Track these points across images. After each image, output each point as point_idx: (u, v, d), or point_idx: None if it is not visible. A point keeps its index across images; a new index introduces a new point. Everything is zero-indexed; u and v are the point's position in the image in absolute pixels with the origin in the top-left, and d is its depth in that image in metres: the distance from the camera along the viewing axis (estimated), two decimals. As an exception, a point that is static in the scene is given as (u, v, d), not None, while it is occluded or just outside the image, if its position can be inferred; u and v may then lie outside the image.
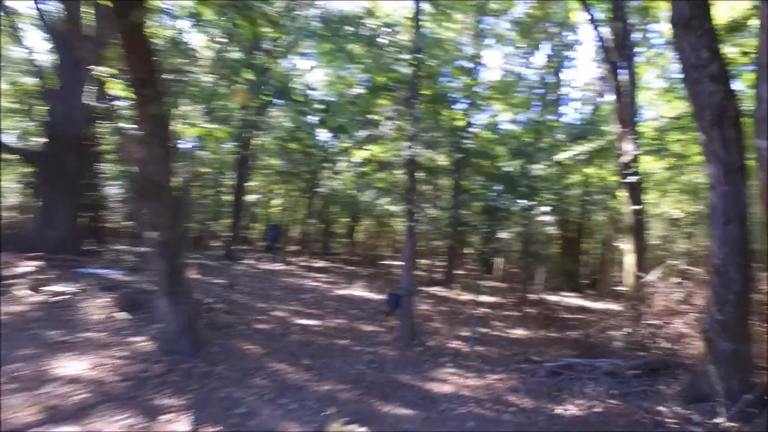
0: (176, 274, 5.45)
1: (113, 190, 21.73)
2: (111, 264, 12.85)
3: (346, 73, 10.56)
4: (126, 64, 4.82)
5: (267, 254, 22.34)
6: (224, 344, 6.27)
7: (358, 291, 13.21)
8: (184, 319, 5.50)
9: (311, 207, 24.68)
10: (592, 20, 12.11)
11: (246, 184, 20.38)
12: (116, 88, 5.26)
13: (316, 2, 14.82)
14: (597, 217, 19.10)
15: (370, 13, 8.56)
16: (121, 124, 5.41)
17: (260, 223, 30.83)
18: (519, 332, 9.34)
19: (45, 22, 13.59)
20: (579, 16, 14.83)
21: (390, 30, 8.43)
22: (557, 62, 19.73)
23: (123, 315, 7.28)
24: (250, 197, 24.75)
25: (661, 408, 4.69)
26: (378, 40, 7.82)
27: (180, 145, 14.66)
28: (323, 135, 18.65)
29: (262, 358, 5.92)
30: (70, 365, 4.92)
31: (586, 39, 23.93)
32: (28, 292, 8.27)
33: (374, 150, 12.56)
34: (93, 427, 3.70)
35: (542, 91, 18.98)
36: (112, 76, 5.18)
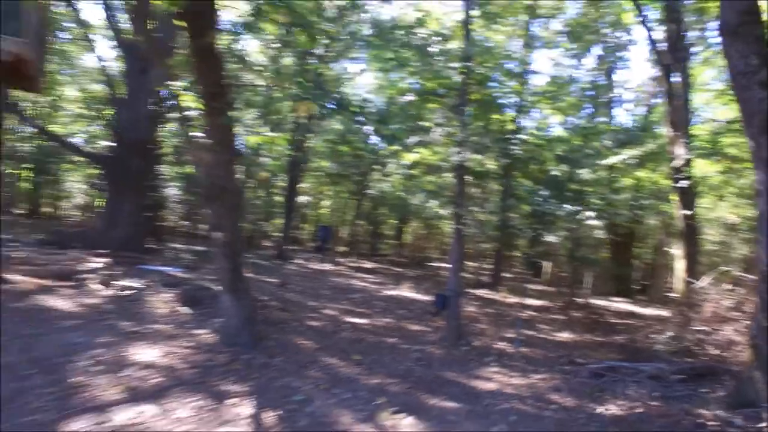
0: (237, 272, 5.91)
1: (171, 191, 22.87)
2: (170, 262, 13.64)
3: (396, 76, 10.85)
4: (197, 79, 5.30)
5: (316, 254, 22.93)
6: (280, 339, 6.70)
7: (405, 292, 13.50)
8: (244, 314, 5.94)
9: (360, 208, 25.15)
10: (645, 21, 12.00)
11: (297, 185, 20.96)
12: (188, 99, 5.75)
13: (367, 5, 15.22)
14: (649, 222, 18.69)
15: (421, 22, 8.83)
16: (192, 133, 5.86)
17: (309, 224, 31.59)
18: (564, 335, 9.40)
19: (115, 33, 14.56)
20: (631, 16, 14.62)
21: (440, 39, 8.67)
22: (609, 64, 19.45)
23: (185, 309, 7.84)
24: (301, 199, 25.42)
25: (703, 411, 4.76)
26: (429, 49, 8.07)
27: (242, 151, 15.41)
28: (374, 138, 19.07)
29: (315, 353, 6.30)
30: (145, 353, 5.43)
31: (639, 39, 23.29)
32: (100, 286, 8.98)
33: (423, 153, 12.83)
34: (169, 407, 4.14)
35: (593, 93, 18.73)
36: (185, 89, 5.68)
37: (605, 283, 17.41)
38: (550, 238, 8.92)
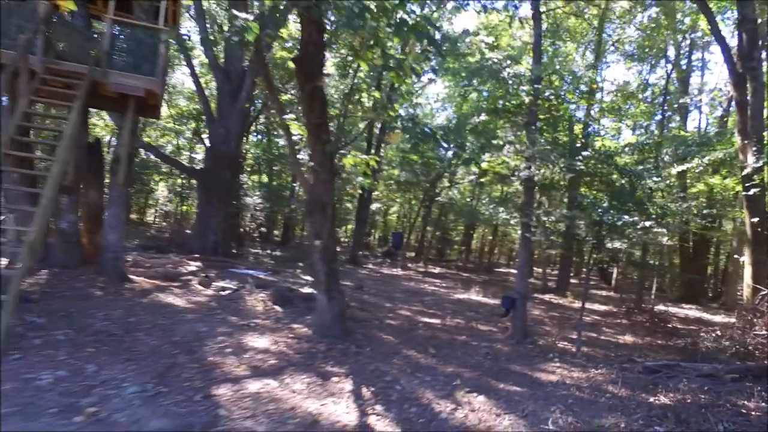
0: (332, 275, 6.95)
1: (252, 199, 24.62)
2: (253, 265, 15.07)
3: (467, 93, 11.61)
4: (304, 112, 6.40)
5: (386, 259, 23.98)
6: (365, 333, 7.70)
7: (474, 296, 14.25)
8: (336, 310, 6.98)
9: (428, 215, 25.99)
10: (717, 30, 12.15)
11: (371, 194, 22.03)
12: (295, 129, 6.87)
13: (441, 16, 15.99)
14: (723, 229, 18.39)
15: (492, 48, 9.57)
16: (299, 156, 6.97)
17: (378, 231, 32.74)
18: (627, 338, 9.86)
19: (210, 60, 16.22)
20: (705, 23, 14.66)
21: (511, 62, 9.39)
22: (682, 72, 19.33)
23: (278, 308, 9.01)
24: (373, 206, 26.56)
25: (747, 403, 5.27)
26: (502, 74, 8.80)
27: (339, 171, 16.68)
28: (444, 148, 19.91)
29: (396, 346, 7.25)
30: (257, 341, 6.56)
31: (713, 47, 22.82)
32: (200, 286, 10.34)
33: (493, 163, 13.53)
34: (286, 381, 5.17)
35: (665, 99, 18.70)
36: (294, 120, 6.80)
37: (675, 289, 17.31)
38: (615, 245, 9.39)
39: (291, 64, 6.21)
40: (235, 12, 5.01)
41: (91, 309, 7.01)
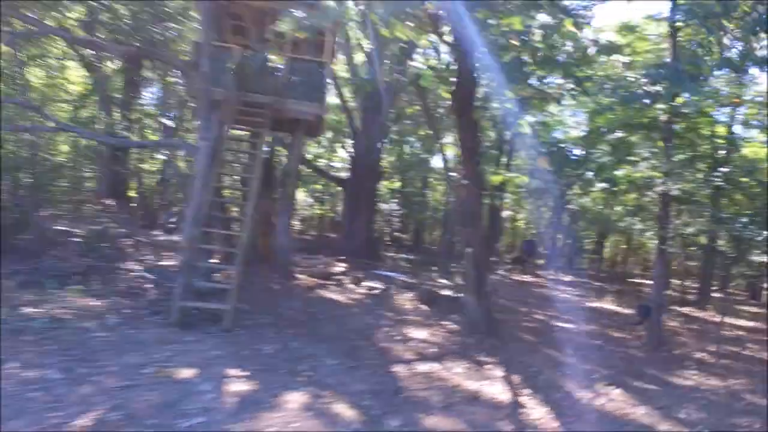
0: (481, 278, 7.99)
1: (389, 206, 26.31)
2: (392, 268, 16.50)
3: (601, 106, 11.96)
4: (458, 137, 7.54)
5: (516, 266, 24.45)
6: (506, 333, 8.64)
7: (606, 304, 14.49)
8: (484, 310, 8.01)
9: (559, 223, 25.93)
10: None
11: (501, 202, 22.67)
12: (451, 150, 8.06)
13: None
14: None
15: (630, 67, 9.99)
16: (452, 174, 8.12)
17: (506, 238, 33.03)
18: (773, 355, 9.73)
19: (356, 82, 17.97)
20: None
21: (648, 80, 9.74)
22: None
23: (424, 307, 10.20)
24: (503, 213, 27.10)
25: None
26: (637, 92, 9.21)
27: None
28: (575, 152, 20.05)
29: (536, 345, 8.12)
30: (416, 333, 7.79)
31: None
32: (353, 285, 11.86)
33: (628, 171, 13.67)
34: (447, 366, 6.30)
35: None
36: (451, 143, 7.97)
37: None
38: (759, 258, 9.39)
39: (446, 94, 7.35)
40: (411, 63, 6.25)
41: (275, 300, 8.68)
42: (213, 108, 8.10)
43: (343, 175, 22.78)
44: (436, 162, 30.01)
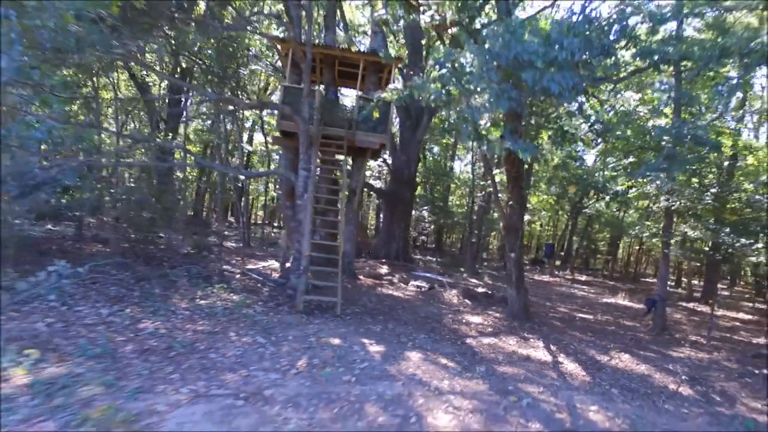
0: (520, 276, 10.28)
1: (418, 212, 28.49)
2: (426, 269, 18.76)
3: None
4: (506, 169, 9.85)
5: (536, 267, 26.64)
6: (539, 320, 10.90)
7: (619, 300, 16.69)
8: (522, 301, 10.30)
9: (575, 226, 28.07)
10: None
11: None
12: (498, 176, 10.37)
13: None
14: None
15: (657, 114, 12.13)
16: (499, 195, 10.38)
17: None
18: (761, 341, 11.89)
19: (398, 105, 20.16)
20: None
21: (655, 114, 11.98)
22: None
23: (468, 301, 12.48)
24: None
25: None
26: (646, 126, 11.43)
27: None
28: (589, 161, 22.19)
29: (563, 329, 10.38)
30: (471, 319, 10.08)
31: None
32: (402, 284, 14.10)
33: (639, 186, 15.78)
34: (503, 339, 8.57)
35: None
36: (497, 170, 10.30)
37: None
38: (752, 258, 11.45)
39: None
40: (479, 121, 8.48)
41: (354, 296, 10.96)
42: (311, 144, 10.33)
43: (378, 185, 25.11)
44: (457, 169, 32.29)
